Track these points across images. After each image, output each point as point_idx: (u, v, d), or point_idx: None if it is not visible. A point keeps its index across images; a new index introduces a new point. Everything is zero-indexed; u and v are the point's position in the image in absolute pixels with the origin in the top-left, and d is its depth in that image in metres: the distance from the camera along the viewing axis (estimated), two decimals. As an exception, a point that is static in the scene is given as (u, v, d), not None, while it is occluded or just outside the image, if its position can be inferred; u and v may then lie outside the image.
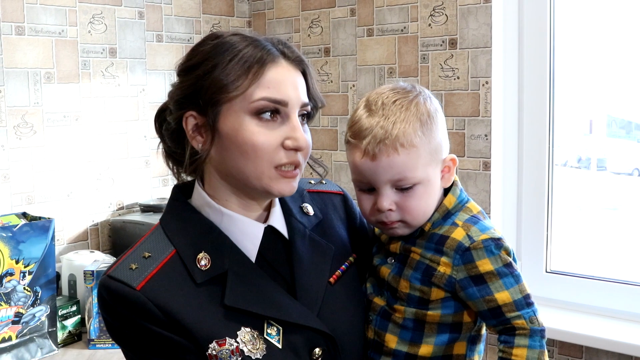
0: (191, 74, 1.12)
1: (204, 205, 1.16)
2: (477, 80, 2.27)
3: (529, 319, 1.11)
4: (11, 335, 1.92)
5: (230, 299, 1.08)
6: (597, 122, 2.38)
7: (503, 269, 1.13)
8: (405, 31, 2.43)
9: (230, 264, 1.11)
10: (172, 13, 2.64)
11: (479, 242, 1.14)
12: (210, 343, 1.05)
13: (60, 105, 2.33)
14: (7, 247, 1.88)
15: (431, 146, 1.16)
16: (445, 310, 1.16)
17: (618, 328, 2.08)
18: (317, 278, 1.18)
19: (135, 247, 1.13)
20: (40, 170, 2.29)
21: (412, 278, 1.17)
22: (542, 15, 2.22)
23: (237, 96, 1.08)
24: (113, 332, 1.11)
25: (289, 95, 1.10)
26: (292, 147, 1.10)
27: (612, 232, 2.40)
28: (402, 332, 1.17)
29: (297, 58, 1.15)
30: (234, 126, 1.09)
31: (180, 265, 1.10)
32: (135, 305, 1.04)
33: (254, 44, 1.11)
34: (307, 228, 1.23)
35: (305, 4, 2.72)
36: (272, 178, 1.10)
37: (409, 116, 1.14)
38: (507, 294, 1.12)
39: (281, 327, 1.10)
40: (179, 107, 1.13)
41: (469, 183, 2.31)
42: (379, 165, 1.14)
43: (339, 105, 2.63)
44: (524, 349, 1.10)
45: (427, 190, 1.17)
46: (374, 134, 1.13)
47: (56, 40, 2.30)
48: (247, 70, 1.08)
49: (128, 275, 1.06)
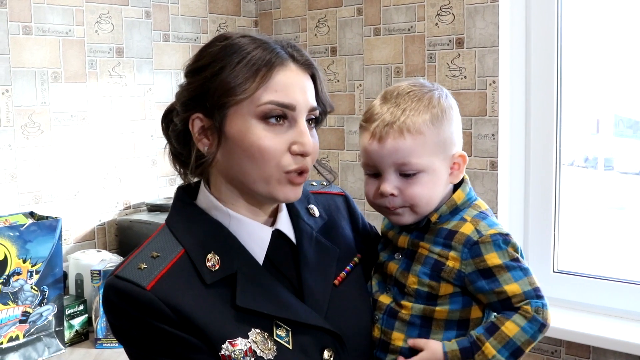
0: (199, 75, 1.11)
1: (211, 207, 1.15)
2: (484, 80, 2.27)
3: (535, 308, 1.12)
4: (18, 334, 1.92)
5: (241, 299, 1.07)
6: (604, 121, 2.37)
7: (511, 262, 1.14)
8: (412, 30, 2.43)
9: (239, 265, 1.10)
10: (179, 13, 2.65)
11: (487, 236, 1.15)
12: (223, 343, 1.04)
13: (67, 105, 2.33)
14: (14, 247, 1.88)
15: (439, 138, 1.17)
16: (453, 305, 1.16)
17: (626, 328, 2.07)
18: (323, 281, 1.18)
19: (142, 247, 1.12)
20: (47, 169, 2.29)
21: (420, 273, 1.17)
22: (550, 14, 2.22)
23: (244, 99, 1.07)
24: (120, 333, 1.09)
25: (297, 99, 1.10)
26: (299, 152, 1.10)
27: (619, 231, 2.39)
28: (409, 330, 1.17)
29: (306, 61, 1.14)
30: (241, 129, 1.08)
31: (190, 266, 1.09)
32: (146, 305, 1.03)
33: (263, 46, 1.10)
34: (313, 230, 1.23)
35: (312, 4, 2.71)
36: (280, 182, 1.09)
37: (419, 106, 1.17)
38: (517, 285, 1.13)
39: (290, 328, 1.09)
40: (185, 109, 1.12)
41: (476, 182, 2.30)
42: (385, 148, 1.15)
43: (346, 104, 2.63)
44: (516, 327, 1.11)
45: (432, 180, 1.18)
46: (383, 118, 1.16)
47: (63, 40, 2.31)
48: (255, 73, 1.07)
49: (137, 275, 1.05)
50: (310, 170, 1.15)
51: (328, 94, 1.21)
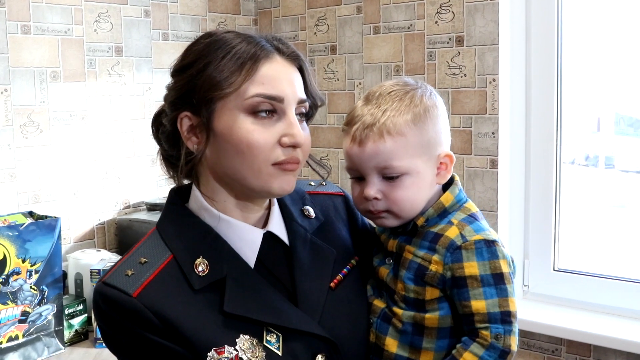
0: (184, 73, 1.10)
1: (201, 209, 1.13)
2: (484, 78, 2.26)
3: (494, 335, 1.07)
4: (18, 334, 1.92)
5: (229, 305, 1.05)
6: (605, 119, 2.36)
7: (488, 276, 1.09)
8: (412, 29, 2.42)
9: (229, 269, 1.08)
10: (178, 11, 2.64)
11: (471, 242, 1.11)
12: (208, 351, 1.02)
13: (66, 104, 2.33)
14: (13, 246, 1.88)
15: (422, 138, 1.14)
16: (442, 312, 1.12)
17: (626, 326, 2.07)
18: (318, 284, 1.16)
19: (132, 252, 1.11)
20: (46, 169, 2.29)
21: (405, 279, 1.14)
22: (550, 12, 2.21)
23: (230, 93, 1.06)
24: (108, 340, 1.08)
25: (285, 91, 1.08)
26: (289, 144, 1.07)
27: (619, 230, 2.39)
28: (402, 337, 1.14)
29: (292, 54, 1.12)
30: (229, 124, 1.06)
31: (178, 271, 1.07)
32: (131, 313, 1.01)
33: (248, 40, 1.09)
34: (308, 232, 1.20)
35: (311, 2, 2.71)
36: (271, 175, 1.07)
37: (400, 106, 1.14)
38: (484, 304, 1.08)
39: (281, 334, 1.07)
40: (173, 109, 1.11)
41: (476, 181, 2.30)
42: (365, 151, 1.13)
43: (345, 103, 2.62)
44: (474, 357, 1.07)
45: (416, 182, 1.15)
46: (363, 121, 1.14)
47: (62, 39, 2.30)
48: (240, 66, 1.06)
49: (124, 282, 1.03)
50: (303, 162, 1.13)
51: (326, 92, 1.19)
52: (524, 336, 2.21)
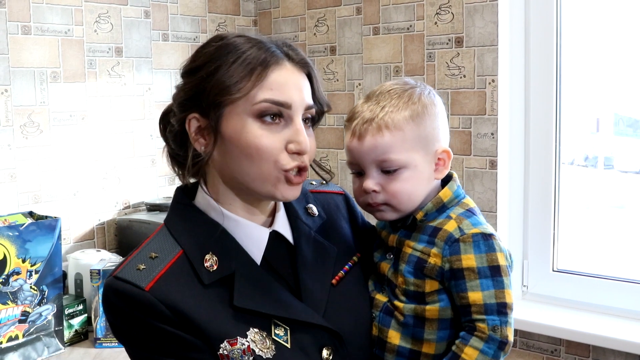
0: (194, 75, 1.11)
1: (208, 207, 1.15)
2: (484, 79, 2.27)
3: (492, 326, 1.11)
4: (18, 334, 1.92)
5: (239, 300, 1.08)
6: (604, 120, 2.37)
7: (485, 269, 1.13)
8: (411, 29, 2.43)
9: (237, 265, 1.11)
10: (178, 12, 2.64)
11: (468, 235, 1.15)
12: (221, 343, 1.05)
13: (66, 105, 2.33)
14: (13, 246, 1.88)
15: (420, 133, 1.18)
16: (442, 303, 1.15)
17: (625, 327, 2.07)
18: (322, 280, 1.18)
19: (141, 248, 1.13)
20: (46, 169, 2.29)
21: (405, 272, 1.17)
22: (549, 13, 2.21)
23: (239, 98, 1.08)
24: (120, 334, 1.09)
25: (293, 98, 1.10)
26: (295, 151, 1.10)
27: (619, 230, 2.39)
28: (404, 329, 1.17)
29: (301, 60, 1.14)
30: (237, 128, 1.08)
31: (188, 266, 1.09)
32: (145, 306, 1.03)
33: (258, 45, 1.10)
34: (312, 230, 1.23)
35: (311, 3, 2.71)
36: (279, 180, 1.10)
37: (399, 103, 1.18)
38: (480, 295, 1.12)
39: (288, 327, 1.10)
40: (182, 109, 1.12)
41: (476, 182, 2.30)
42: (364, 145, 1.17)
43: (345, 103, 2.63)
44: (475, 351, 1.11)
45: (413, 176, 1.18)
46: (363, 116, 1.19)
47: (62, 40, 2.31)
48: (250, 72, 1.08)
49: (136, 276, 1.06)
50: (308, 168, 1.15)
51: (326, 93, 1.21)
52: (523, 336, 2.21)
